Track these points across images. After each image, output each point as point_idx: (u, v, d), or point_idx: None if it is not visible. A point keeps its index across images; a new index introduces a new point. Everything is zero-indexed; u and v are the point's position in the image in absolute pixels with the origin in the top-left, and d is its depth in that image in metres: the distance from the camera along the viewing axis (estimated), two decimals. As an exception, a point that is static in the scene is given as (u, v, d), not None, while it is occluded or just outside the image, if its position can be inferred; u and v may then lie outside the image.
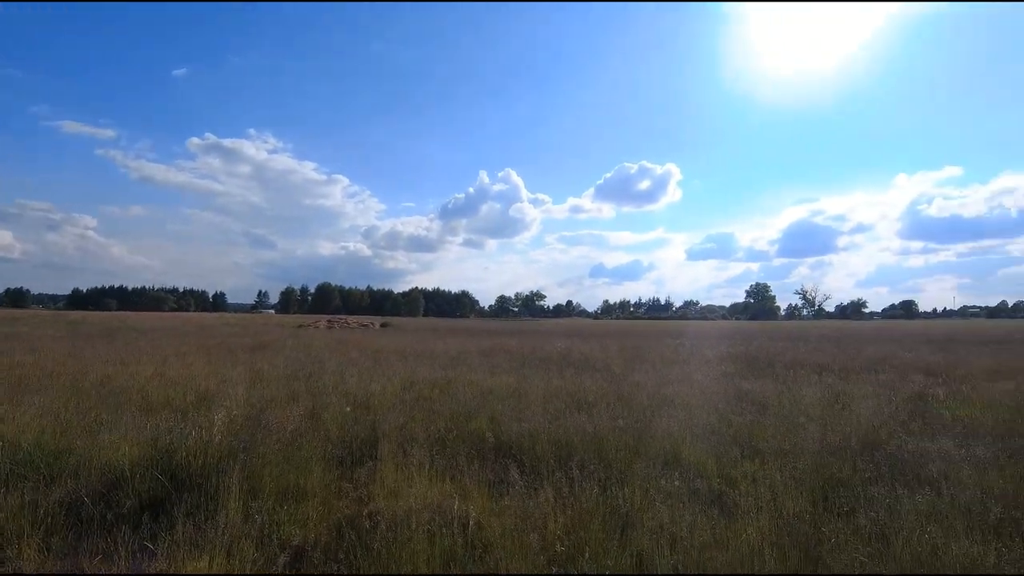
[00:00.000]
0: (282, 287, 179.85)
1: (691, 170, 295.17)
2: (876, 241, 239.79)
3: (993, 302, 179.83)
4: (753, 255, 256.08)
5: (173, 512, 4.01)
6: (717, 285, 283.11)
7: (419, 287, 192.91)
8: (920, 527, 3.71)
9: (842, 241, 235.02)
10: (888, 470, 5.13)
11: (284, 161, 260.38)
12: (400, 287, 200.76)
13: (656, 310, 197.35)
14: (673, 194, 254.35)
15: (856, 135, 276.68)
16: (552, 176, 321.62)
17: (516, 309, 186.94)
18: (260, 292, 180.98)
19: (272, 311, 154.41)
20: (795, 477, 4.91)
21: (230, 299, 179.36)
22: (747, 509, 4.16)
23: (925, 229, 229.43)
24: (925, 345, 23.11)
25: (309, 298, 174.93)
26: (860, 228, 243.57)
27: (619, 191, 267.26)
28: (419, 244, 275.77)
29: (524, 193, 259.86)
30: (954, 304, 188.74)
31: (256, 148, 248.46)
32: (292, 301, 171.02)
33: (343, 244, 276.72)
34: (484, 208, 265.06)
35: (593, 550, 3.59)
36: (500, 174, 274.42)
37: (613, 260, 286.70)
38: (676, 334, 36.82)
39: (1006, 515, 3.92)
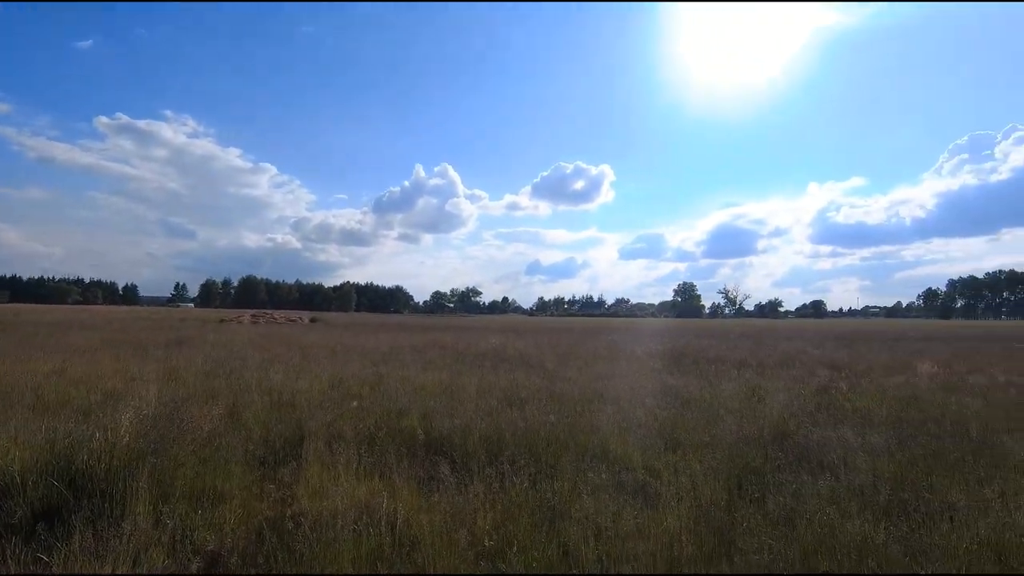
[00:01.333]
0: (202, 280, 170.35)
1: (624, 172, 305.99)
2: (791, 244, 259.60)
3: (890, 303, 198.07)
4: (681, 255, 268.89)
5: (71, 521, 3.70)
6: (647, 284, 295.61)
7: (351, 281, 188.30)
8: (820, 509, 4.01)
9: (761, 244, 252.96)
10: (795, 458, 5.51)
11: (205, 146, 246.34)
12: (331, 281, 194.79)
13: (590, 307, 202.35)
14: (607, 195, 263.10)
15: (776, 145, 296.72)
16: (489, 172, 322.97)
17: (452, 305, 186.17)
18: (178, 285, 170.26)
19: (191, 305, 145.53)
20: (713, 467, 5.17)
21: (143, 292, 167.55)
22: (668, 498, 4.34)
23: (833, 234, 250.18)
24: (832, 342, 24.99)
25: (232, 291, 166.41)
26: (777, 232, 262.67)
27: (555, 190, 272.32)
28: (352, 237, 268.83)
29: (461, 188, 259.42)
30: (857, 304, 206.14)
31: (174, 131, 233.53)
32: (213, 295, 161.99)
33: (270, 236, 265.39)
34: (420, 202, 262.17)
35: (521, 543, 3.63)
36: (437, 168, 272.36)
37: (549, 258, 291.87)
38: (608, 331, 37.88)
39: (894, 496, 4.32)
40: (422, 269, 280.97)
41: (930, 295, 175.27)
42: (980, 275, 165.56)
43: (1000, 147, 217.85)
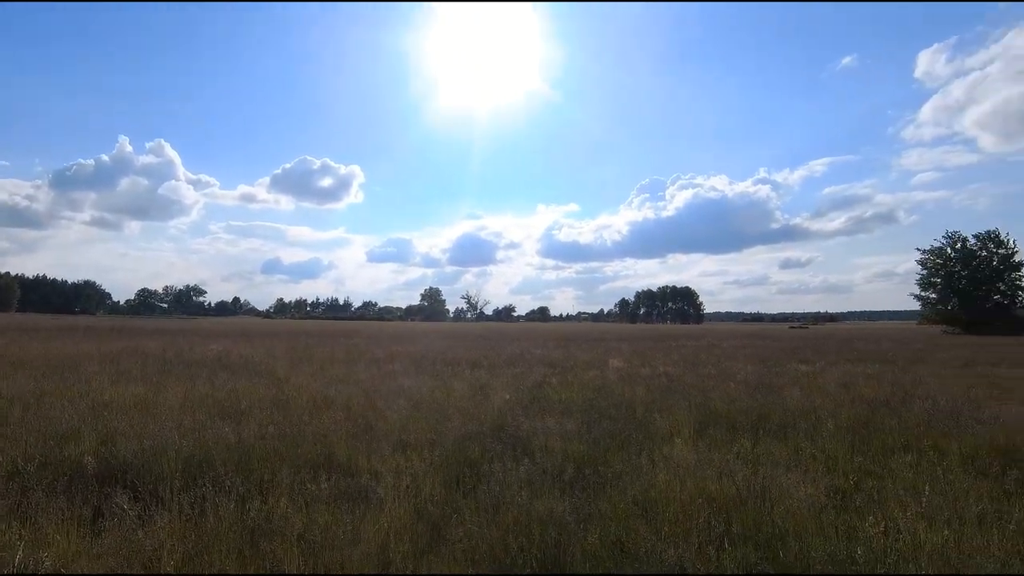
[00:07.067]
0: None
1: (375, 175, 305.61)
2: (523, 256, 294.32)
3: (596, 309, 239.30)
4: (428, 261, 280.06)
5: None
6: (396, 287, 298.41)
7: (13, 273, 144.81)
8: (519, 492, 4.51)
9: (499, 255, 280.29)
10: (508, 447, 6.10)
11: None
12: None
13: (335, 310, 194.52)
14: (356, 195, 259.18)
15: (513, 168, 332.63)
16: (220, 157, 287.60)
17: (166, 305, 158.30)
18: None
19: None
20: (436, 464, 5.40)
21: None
22: (388, 500, 4.36)
23: (556, 250, 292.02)
24: (552, 343, 28.72)
25: None
26: (512, 245, 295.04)
27: (299, 185, 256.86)
28: (16, 216, 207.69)
29: (182, 171, 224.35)
30: (573, 310, 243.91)
31: None
32: None
33: None
34: (124, 182, 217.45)
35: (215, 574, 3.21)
36: (149, 145, 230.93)
37: (291, 256, 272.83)
38: (352, 334, 36.89)
39: (577, 473, 5.10)
40: (125, 262, 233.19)
41: (623, 304, 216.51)
42: (655, 288, 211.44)
43: (669, 190, 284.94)
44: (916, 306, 60.52)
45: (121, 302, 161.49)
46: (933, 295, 57.78)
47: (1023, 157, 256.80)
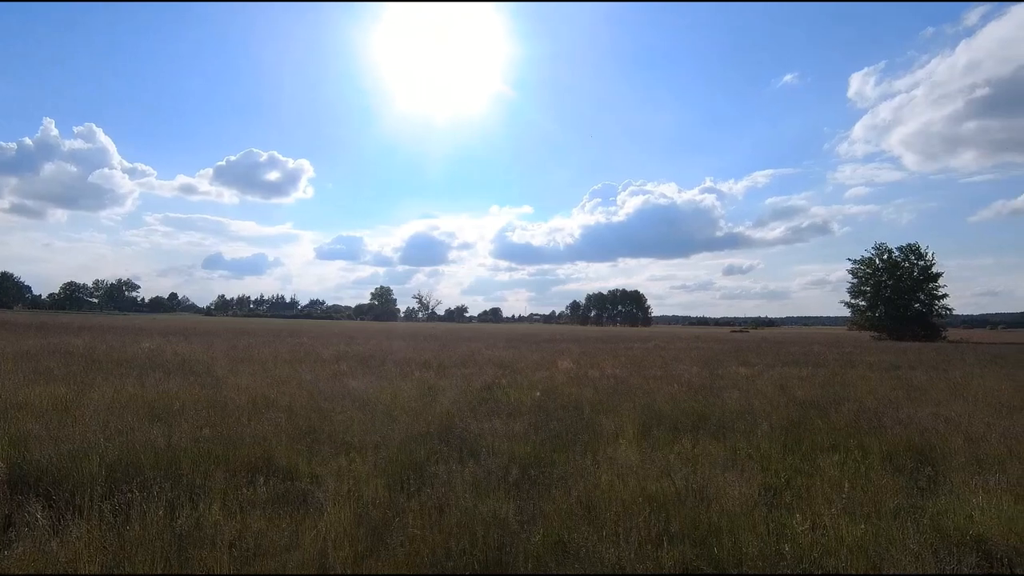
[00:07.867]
0: None
1: (325, 171, 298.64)
2: (476, 257, 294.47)
3: (548, 311, 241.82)
4: (380, 260, 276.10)
5: None
6: (345, 286, 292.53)
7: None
8: (464, 493, 4.49)
9: (452, 255, 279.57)
10: (455, 449, 6.06)
11: None
12: None
13: (281, 308, 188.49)
14: (305, 191, 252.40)
15: (468, 168, 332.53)
16: (159, 145, 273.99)
17: (96, 300, 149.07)
18: None
19: None
20: (380, 467, 5.29)
21: None
22: (329, 505, 4.24)
23: (509, 251, 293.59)
24: (503, 344, 28.76)
25: None
26: (465, 245, 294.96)
27: (244, 177, 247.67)
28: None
29: (116, 159, 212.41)
30: (525, 312, 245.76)
31: None
32: None
33: None
34: (49, 168, 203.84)
35: (137, 586, 3.04)
36: (78, 129, 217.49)
37: (233, 251, 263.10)
38: (298, 333, 35.84)
39: (522, 475, 5.12)
40: (49, 253, 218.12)
41: (574, 306, 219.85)
42: (605, 291, 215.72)
43: (620, 196, 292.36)
44: (846, 312, 63.93)
45: (43, 296, 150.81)
46: (863, 302, 61.33)
47: (941, 176, 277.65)
